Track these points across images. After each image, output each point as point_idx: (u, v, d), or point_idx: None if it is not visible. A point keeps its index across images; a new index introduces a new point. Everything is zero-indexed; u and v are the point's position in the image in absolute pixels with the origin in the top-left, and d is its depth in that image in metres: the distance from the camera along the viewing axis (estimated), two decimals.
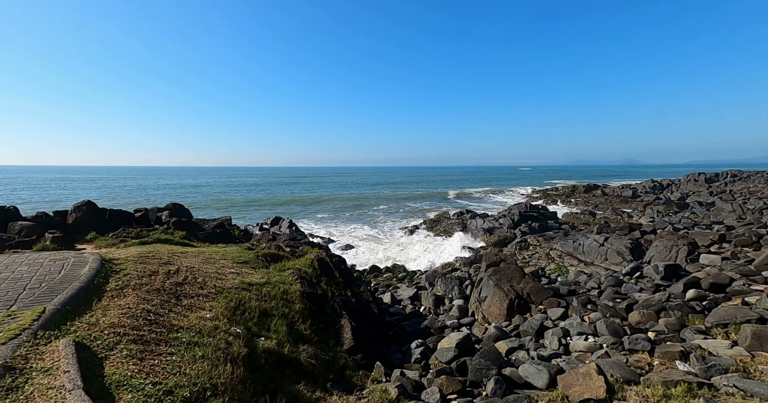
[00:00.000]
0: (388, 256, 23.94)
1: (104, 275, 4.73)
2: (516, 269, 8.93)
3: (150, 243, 8.75)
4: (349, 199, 58.25)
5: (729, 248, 14.21)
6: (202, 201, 51.67)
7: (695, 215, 28.63)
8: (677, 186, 62.65)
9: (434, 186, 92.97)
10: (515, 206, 38.58)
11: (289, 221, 23.41)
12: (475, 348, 5.90)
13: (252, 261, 7.70)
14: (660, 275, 9.32)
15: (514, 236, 23.14)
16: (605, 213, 34.04)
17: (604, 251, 15.57)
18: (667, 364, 4.14)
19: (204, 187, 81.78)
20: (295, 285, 6.38)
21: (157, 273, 5.49)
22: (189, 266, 6.29)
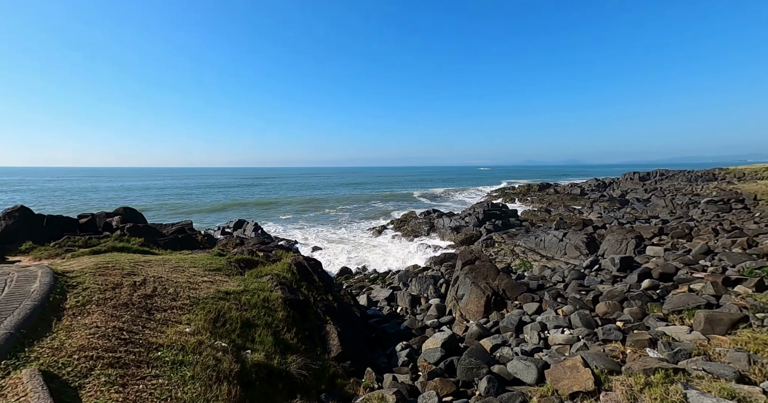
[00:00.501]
0: (358, 257, 23.77)
1: (60, 291, 4.17)
2: (491, 266, 9.26)
3: (104, 252, 7.91)
4: (312, 200, 56.91)
5: (667, 240, 15.87)
6: (152, 205, 47.83)
7: (635, 210, 31.65)
8: (618, 184, 68.82)
9: (398, 187, 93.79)
10: (478, 205, 40.14)
11: (255, 223, 22.41)
12: (460, 347, 6.00)
13: (225, 268, 7.24)
14: (616, 267, 10.14)
15: (480, 233, 24.03)
16: (559, 210, 36.49)
17: (563, 246, 16.66)
18: (638, 352, 4.49)
19: (152, 190, 75.76)
20: (276, 292, 6.09)
21: (122, 285, 4.96)
22: (156, 276, 5.76)
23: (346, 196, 67.31)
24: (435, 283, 12.35)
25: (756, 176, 54.26)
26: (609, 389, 3.55)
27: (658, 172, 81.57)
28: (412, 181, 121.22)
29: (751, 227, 16.47)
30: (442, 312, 9.21)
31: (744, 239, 11.87)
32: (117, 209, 14.95)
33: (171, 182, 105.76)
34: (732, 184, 48.21)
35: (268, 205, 49.98)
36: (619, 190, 56.74)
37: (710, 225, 18.08)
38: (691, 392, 3.08)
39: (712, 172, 70.33)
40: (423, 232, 29.41)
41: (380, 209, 49.02)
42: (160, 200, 54.35)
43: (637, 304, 6.52)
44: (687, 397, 3.04)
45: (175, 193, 66.13)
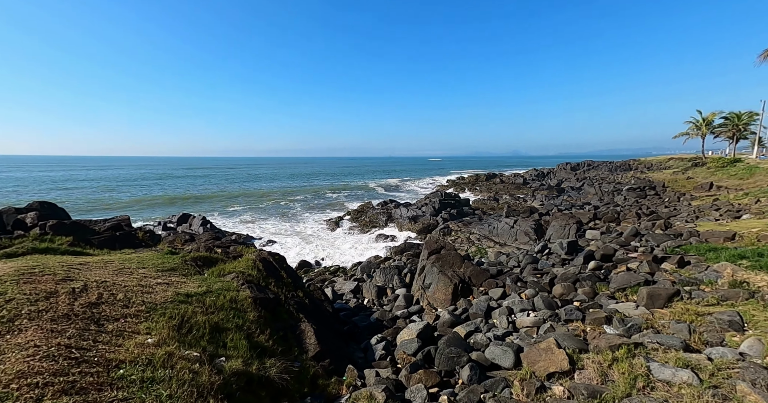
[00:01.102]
0: (316, 250, 23.28)
1: None
2: (456, 255, 9.58)
3: (21, 255, 6.70)
4: (262, 192, 53.94)
5: (601, 224, 17.78)
6: (73, 199, 41.86)
7: (571, 197, 35.00)
8: (554, 174, 75.42)
9: (352, 178, 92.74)
10: (432, 195, 41.43)
11: (202, 217, 20.70)
12: (434, 336, 6.13)
13: (180, 267, 6.55)
14: (564, 250, 11.10)
15: (437, 222, 24.84)
16: (506, 199, 39.07)
17: (514, 233, 17.86)
18: (597, 329, 4.95)
19: (72, 182, 66.13)
20: (244, 291, 5.66)
21: (57, 294, 4.22)
22: (99, 281, 5.01)
23: (298, 187, 64.91)
24: (399, 273, 12.52)
25: (661, 166, 63.02)
26: (582, 368, 3.86)
27: (586, 162, 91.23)
28: (365, 172, 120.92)
29: (664, 210, 19.05)
30: (410, 302, 9.36)
31: (661, 222, 13.68)
32: (30, 203, 12.80)
33: (97, 174, 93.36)
34: (644, 173, 55.42)
35: (212, 198, 46.33)
36: (556, 180, 62.27)
37: (633, 210, 20.60)
38: (653, 364, 3.46)
39: (628, 163, 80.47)
40: (381, 222, 29.62)
41: (335, 200, 48.34)
42: (82, 194, 47.80)
43: (588, 284, 7.20)
44: (650, 369, 3.41)
45: (101, 186, 58.53)
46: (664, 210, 19.10)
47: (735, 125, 51.57)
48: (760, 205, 15.95)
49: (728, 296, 5.24)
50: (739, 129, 51.80)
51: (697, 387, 3.05)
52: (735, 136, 52.44)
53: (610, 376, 3.56)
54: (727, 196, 21.29)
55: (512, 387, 3.84)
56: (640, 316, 5.14)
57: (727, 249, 8.25)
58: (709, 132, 55.43)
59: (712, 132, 55.61)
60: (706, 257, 7.90)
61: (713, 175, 31.43)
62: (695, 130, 56.30)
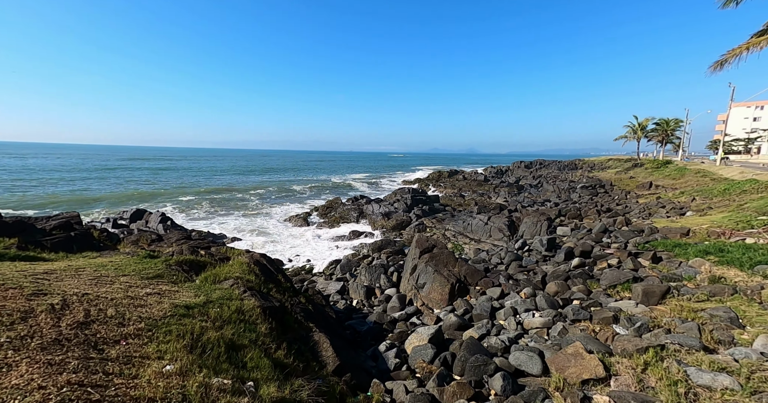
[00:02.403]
0: (286, 248, 22.33)
1: None
2: (449, 253, 9.62)
3: None
4: (219, 188, 50.24)
5: (566, 220, 19.01)
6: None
7: (531, 194, 37.14)
8: (512, 172, 79.62)
9: (314, 172, 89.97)
10: (400, 191, 41.70)
11: (162, 213, 18.85)
12: (444, 340, 6.04)
13: (167, 274, 5.81)
14: (544, 247, 11.66)
15: (410, 219, 25.00)
16: (472, 196, 40.48)
17: (488, 229, 18.48)
18: (606, 329, 5.17)
19: None
20: (249, 300, 5.16)
21: (34, 313, 3.49)
22: (79, 294, 4.25)
23: (256, 181, 61.45)
24: (385, 272, 12.37)
25: (602, 166, 69.25)
26: (616, 374, 3.96)
27: (538, 161, 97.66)
28: (327, 167, 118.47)
29: (617, 207, 20.83)
30: (404, 302, 9.25)
31: (622, 218, 14.89)
32: None
33: (9, 162, 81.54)
34: (591, 172, 60.45)
35: (161, 194, 42.24)
36: (514, 177, 65.75)
37: (591, 207, 22.31)
38: (690, 369, 3.63)
39: (575, 163, 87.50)
40: (352, 218, 29.22)
41: (299, 194, 46.88)
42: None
43: (580, 282, 7.58)
44: (688, 374, 3.57)
45: (17, 178, 51.26)
46: (618, 207, 20.91)
47: (664, 130, 58.05)
48: (697, 203, 18.04)
49: (715, 292, 5.78)
50: (667, 134, 58.44)
51: (740, 392, 3.24)
52: (663, 140, 59.11)
53: (647, 382, 3.69)
54: (666, 194, 23.84)
55: (553, 398, 3.83)
56: (643, 314, 5.47)
57: (690, 245, 9.15)
58: (643, 136, 61.91)
59: (646, 136, 62.16)
60: (675, 253, 8.69)
61: (651, 175, 35.06)
62: (632, 134, 62.55)
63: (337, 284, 11.87)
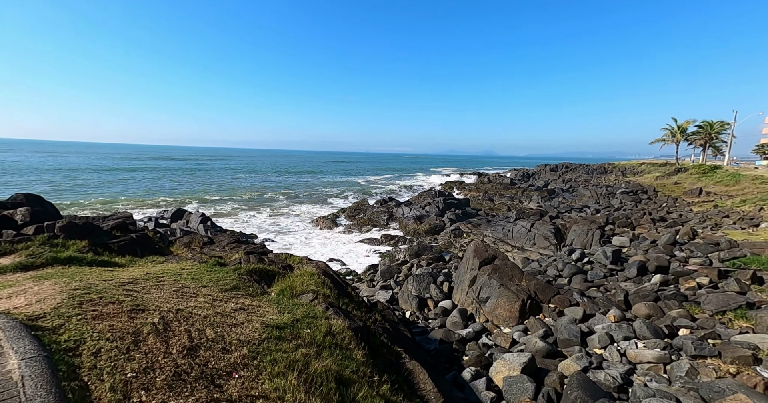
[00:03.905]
0: (318, 251, 22.10)
1: (63, 365, 2.42)
2: (513, 265, 9.03)
3: (42, 267, 5.46)
4: (243, 187, 50.72)
5: (615, 229, 17.91)
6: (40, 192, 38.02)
7: (566, 199, 35.67)
8: (539, 175, 77.37)
9: (336, 174, 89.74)
10: (426, 194, 41.05)
11: (201, 213, 19.08)
12: (537, 369, 5.47)
13: (241, 285, 5.55)
14: (608, 260, 10.84)
15: (444, 223, 24.38)
16: (502, 200, 39.30)
17: (532, 237, 17.64)
18: (745, 371, 4.46)
19: (22, 172, 60.20)
20: (335, 319, 4.79)
21: (142, 335, 3.23)
22: (173, 310, 4.01)
23: (281, 182, 61.80)
24: (434, 281, 11.87)
25: (635, 170, 66.15)
26: None
27: (564, 165, 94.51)
28: (348, 168, 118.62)
29: (670, 216, 19.46)
30: (465, 317, 8.71)
31: (687, 229, 13.77)
32: (14, 195, 11.05)
33: (50, 160, 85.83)
34: (626, 177, 57.84)
35: (188, 194, 42.98)
36: (542, 181, 63.72)
37: (635, 213, 21.01)
38: None
39: (603, 166, 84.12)
40: (382, 221, 28.83)
41: (324, 196, 46.87)
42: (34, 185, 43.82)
43: (675, 304, 6.83)
44: None
45: (63, 175, 53.93)
46: (671, 215, 19.55)
47: (707, 133, 54.71)
48: (766, 213, 16.57)
49: None
50: (711, 137, 55.05)
51: None
52: (706, 143, 55.73)
53: None
54: (722, 202, 22.17)
55: None
56: None
57: None
58: (683, 139, 58.58)
59: (686, 139, 58.80)
60: None
61: (699, 181, 32.93)
62: (670, 137, 59.30)
63: (386, 293, 11.46)
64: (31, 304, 3.56)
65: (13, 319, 2.91)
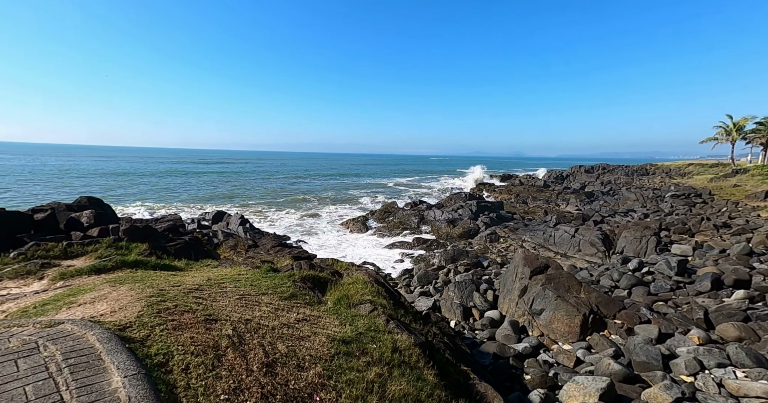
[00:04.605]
0: (348, 254, 22.05)
1: (168, 389, 2.36)
2: (570, 276, 8.47)
3: (112, 270, 5.67)
4: (271, 190, 51.51)
5: (671, 235, 16.58)
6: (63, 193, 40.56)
7: (607, 203, 33.68)
8: (573, 176, 73.93)
9: (362, 176, 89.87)
10: (456, 196, 40.23)
11: (240, 216, 19.65)
12: (618, 397, 4.97)
13: (299, 293, 5.48)
14: (673, 270, 9.94)
15: (478, 227, 23.68)
16: (537, 202, 37.76)
17: (577, 243, 16.68)
18: None
19: (67, 174, 64.61)
20: (399, 334, 4.59)
21: (221, 349, 3.17)
22: (242, 320, 3.96)
23: (308, 185, 62.49)
24: (477, 289, 11.43)
25: (681, 172, 61.55)
26: None
27: (600, 166, 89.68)
28: (374, 170, 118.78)
29: (735, 222, 17.74)
30: (517, 330, 8.24)
31: (761, 237, 12.43)
32: (79, 198, 11.83)
33: (95, 165, 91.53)
34: (673, 178, 53.97)
35: (220, 196, 44.27)
36: (578, 183, 60.77)
37: (691, 218, 19.35)
38: None
39: (645, 167, 78.99)
40: (413, 224, 28.51)
41: (352, 198, 47.10)
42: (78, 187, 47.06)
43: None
44: None
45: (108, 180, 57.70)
46: (735, 221, 17.83)
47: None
48: None
49: None
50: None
51: None
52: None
53: None
54: None
55: None
56: None
57: None
58: (740, 137, 53.75)
59: (743, 138, 53.91)
60: None
61: (763, 183, 29.96)
62: (724, 136, 54.63)
63: (427, 300, 11.15)
64: (115, 311, 3.61)
65: (106, 329, 2.92)
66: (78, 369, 2.32)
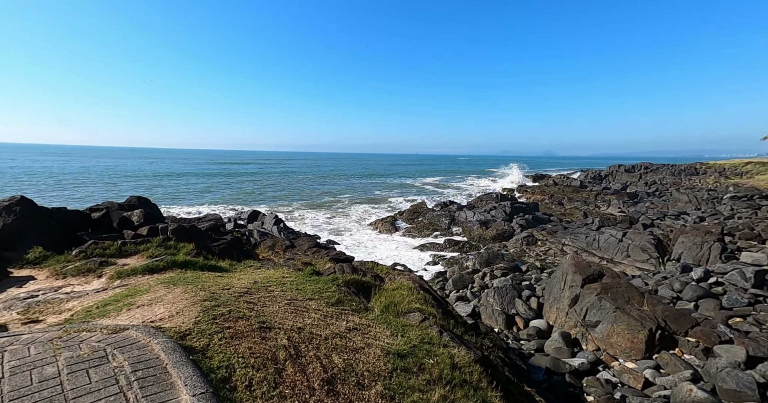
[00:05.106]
0: (377, 255, 21.83)
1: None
2: (629, 286, 7.76)
3: (164, 270, 5.78)
4: (300, 190, 52.26)
5: (736, 241, 15.04)
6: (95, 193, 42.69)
7: (654, 204, 31.34)
8: (613, 176, 69.81)
9: (390, 176, 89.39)
10: (486, 197, 39.05)
11: (275, 216, 20.04)
12: None
13: (345, 299, 5.31)
14: (750, 282, 8.89)
15: (513, 229, 22.75)
16: (574, 204, 35.86)
17: (625, 247, 15.53)
18: None
19: (106, 176, 68.14)
20: (455, 348, 4.27)
21: (280, 362, 3.02)
22: (295, 328, 3.83)
23: (337, 184, 63.06)
24: (519, 295, 10.86)
25: (737, 171, 56.35)
26: None
27: (642, 165, 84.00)
28: (402, 170, 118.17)
29: None
30: (569, 342, 7.66)
31: None
32: (129, 198, 12.44)
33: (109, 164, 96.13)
34: (729, 178, 49.54)
35: (250, 196, 45.44)
36: (618, 183, 57.26)
37: (761, 223, 17.45)
38: None
39: (694, 167, 73.05)
40: (443, 226, 27.93)
41: (381, 198, 47.02)
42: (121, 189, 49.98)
43: None
44: None
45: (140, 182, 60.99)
46: None
47: None
48: None
49: None
50: None
51: None
52: None
53: None
54: None
55: None
56: None
57: None
58: None
59: None
60: None
61: None
62: None
63: (465, 306, 10.74)
64: (173, 316, 3.58)
65: (168, 337, 2.85)
66: (147, 383, 2.22)
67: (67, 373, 2.24)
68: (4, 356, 2.40)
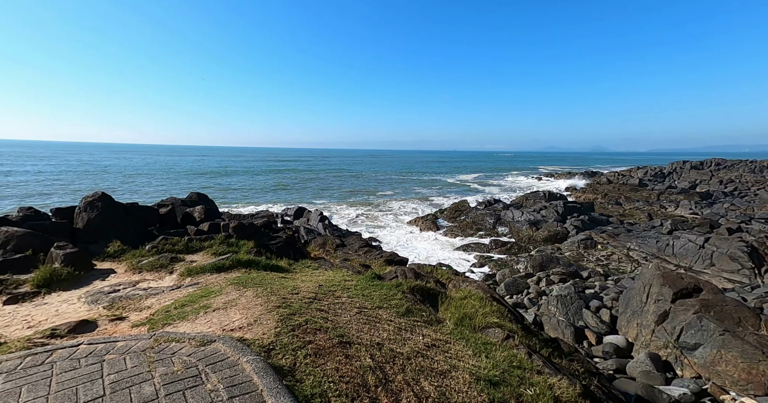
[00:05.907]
0: (420, 254, 21.22)
1: None
2: (739, 304, 6.63)
3: (230, 269, 5.78)
4: (340, 188, 52.34)
5: None
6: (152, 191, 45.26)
7: (735, 206, 27.68)
8: (678, 174, 63.22)
9: (429, 173, 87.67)
10: (533, 195, 36.86)
11: (320, 213, 20.27)
12: None
13: (413, 309, 4.93)
14: None
15: (567, 231, 21.16)
16: (633, 204, 32.76)
17: (708, 255, 13.70)
18: None
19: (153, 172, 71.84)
20: (552, 377, 3.72)
21: (368, 387, 2.70)
22: (374, 344, 3.51)
23: (377, 182, 62.93)
24: (587, 305, 9.88)
25: None
26: None
27: (713, 161, 75.01)
28: (441, 167, 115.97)
29: None
30: (660, 366, 6.69)
31: None
32: (190, 194, 13.06)
33: (166, 160, 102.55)
34: None
35: (295, 188, 46.65)
36: (685, 182, 51.74)
37: None
38: None
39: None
40: (488, 225, 26.76)
41: (421, 196, 46.29)
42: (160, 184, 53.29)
43: None
44: None
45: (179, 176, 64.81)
46: None
47: None
48: None
49: None
50: None
51: None
52: None
53: None
54: None
55: None
56: None
57: None
58: None
59: None
60: None
61: None
62: None
63: (526, 315, 9.93)
64: (251, 324, 3.41)
65: (257, 354, 2.63)
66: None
67: (164, 395, 2.06)
68: (104, 367, 2.29)
